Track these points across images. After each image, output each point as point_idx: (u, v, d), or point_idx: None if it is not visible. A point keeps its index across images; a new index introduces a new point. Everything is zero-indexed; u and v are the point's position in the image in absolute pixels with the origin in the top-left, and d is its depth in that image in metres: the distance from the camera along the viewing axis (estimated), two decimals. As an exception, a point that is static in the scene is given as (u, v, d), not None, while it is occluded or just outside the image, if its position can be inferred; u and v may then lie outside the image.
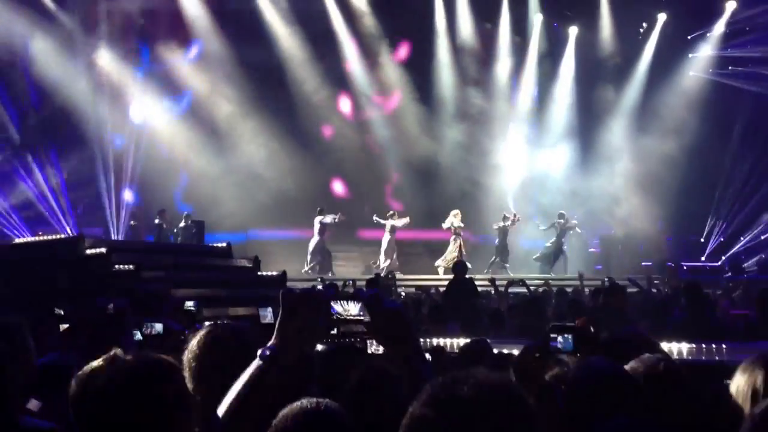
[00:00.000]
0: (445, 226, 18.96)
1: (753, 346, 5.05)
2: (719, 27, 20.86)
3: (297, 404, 2.10)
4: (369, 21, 20.80)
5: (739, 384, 2.32)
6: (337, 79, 21.19)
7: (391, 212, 19.37)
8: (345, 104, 21.91)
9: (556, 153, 21.38)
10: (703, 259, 20.10)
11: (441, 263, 18.70)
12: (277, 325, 2.03)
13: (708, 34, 21.12)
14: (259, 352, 2.00)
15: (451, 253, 18.56)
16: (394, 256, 19.03)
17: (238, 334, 2.46)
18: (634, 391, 2.31)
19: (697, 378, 2.86)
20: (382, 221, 19.11)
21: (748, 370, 2.33)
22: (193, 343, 2.45)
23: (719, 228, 20.79)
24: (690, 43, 21.50)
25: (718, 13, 20.70)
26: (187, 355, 2.43)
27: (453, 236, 18.86)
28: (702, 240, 20.85)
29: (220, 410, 1.96)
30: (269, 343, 2.02)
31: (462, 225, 18.92)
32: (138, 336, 4.40)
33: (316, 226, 19.09)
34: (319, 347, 2.98)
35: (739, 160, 20.53)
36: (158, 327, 4.54)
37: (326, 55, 20.77)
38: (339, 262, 20.24)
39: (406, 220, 19.10)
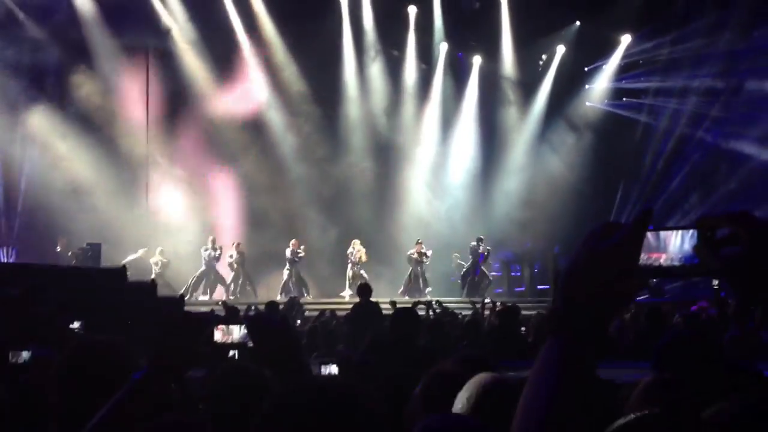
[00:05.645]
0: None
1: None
2: (614, 60, 21.85)
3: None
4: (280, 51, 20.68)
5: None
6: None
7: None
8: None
9: (459, 177, 21.84)
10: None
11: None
12: (154, 348, 1.94)
13: (603, 67, 22.07)
14: (132, 375, 1.91)
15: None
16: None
17: (108, 349, 2.34)
18: None
19: None
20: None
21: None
22: (61, 357, 2.38)
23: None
24: (587, 75, 22.46)
25: (613, 47, 21.67)
26: (56, 370, 2.34)
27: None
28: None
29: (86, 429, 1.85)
30: (144, 366, 1.93)
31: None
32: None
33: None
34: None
35: (629, 189, 21.42)
36: (25, 355, 4.25)
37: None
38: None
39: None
